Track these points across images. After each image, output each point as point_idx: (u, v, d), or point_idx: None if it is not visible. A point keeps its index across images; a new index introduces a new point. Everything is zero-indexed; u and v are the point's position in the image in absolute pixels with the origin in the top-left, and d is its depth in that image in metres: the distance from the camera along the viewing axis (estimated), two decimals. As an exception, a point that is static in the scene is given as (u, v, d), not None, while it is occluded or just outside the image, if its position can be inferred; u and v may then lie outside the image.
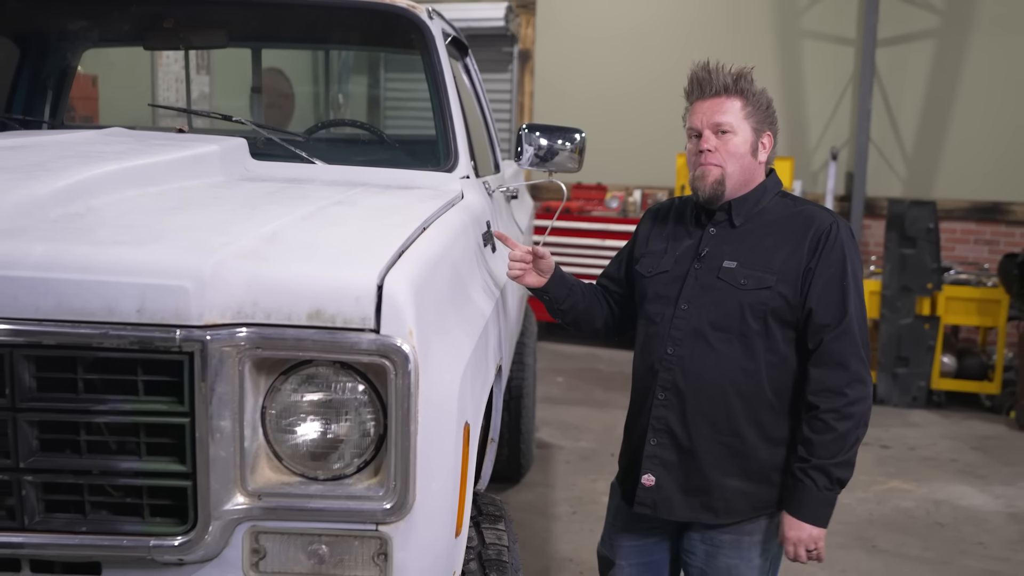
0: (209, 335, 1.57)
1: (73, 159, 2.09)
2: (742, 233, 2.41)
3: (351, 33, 3.74)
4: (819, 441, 2.30)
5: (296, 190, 2.37)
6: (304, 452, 1.67)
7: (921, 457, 5.90)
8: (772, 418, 2.39)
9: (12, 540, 1.63)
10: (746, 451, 2.39)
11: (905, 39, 8.19)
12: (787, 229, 2.39)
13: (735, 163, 2.38)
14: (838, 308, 2.32)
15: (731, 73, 2.40)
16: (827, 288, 2.33)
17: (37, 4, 3.30)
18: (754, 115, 2.40)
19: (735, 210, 2.42)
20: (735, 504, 2.42)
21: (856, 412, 2.32)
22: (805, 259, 2.34)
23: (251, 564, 1.67)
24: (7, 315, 1.57)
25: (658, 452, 2.43)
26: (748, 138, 2.39)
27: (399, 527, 1.66)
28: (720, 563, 2.46)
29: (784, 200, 2.46)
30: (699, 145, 2.39)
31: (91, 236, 1.69)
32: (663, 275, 2.46)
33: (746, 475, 2.41)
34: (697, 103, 2.42)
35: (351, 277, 1.63)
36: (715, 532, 2.46)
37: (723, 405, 2.38)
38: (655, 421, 2.43)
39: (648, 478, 2.45)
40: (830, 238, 2.34)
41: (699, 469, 2.41)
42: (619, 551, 2.64)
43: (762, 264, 2.36)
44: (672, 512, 2.46)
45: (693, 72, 2.43)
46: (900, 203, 7.09)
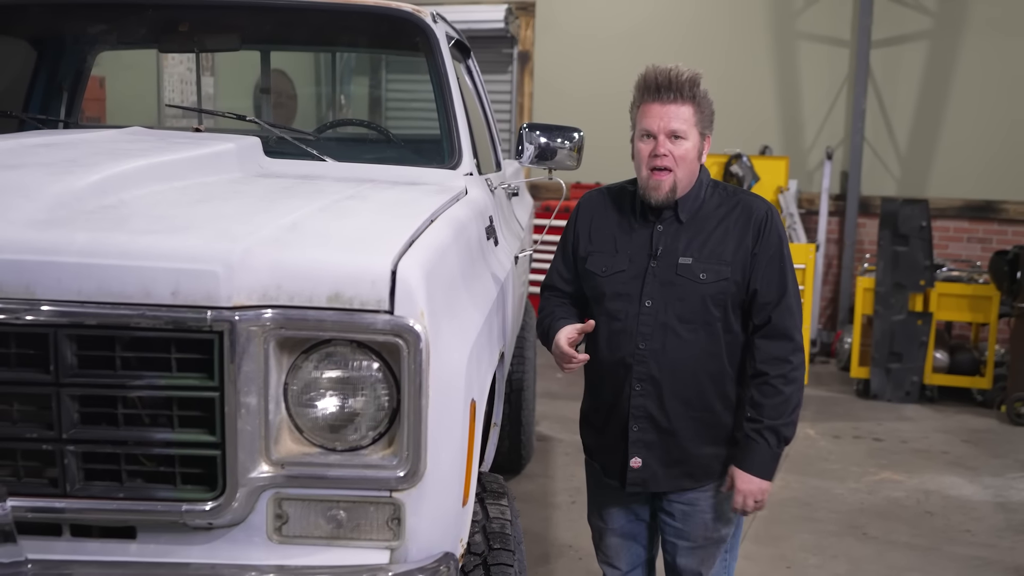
0: (237, 316, 1.71)
1: (103, 156, 2.23)
2: (689, 227, 2.59)
3: (358, 36, 3.88)
4: (769, 404, 2.54)
5: (310, 185, 2.50)
6: (323, 425, 1.80)
7: (913, 449, 6.03)
8: (732, 388, 2.65)
9: (55, 506, 1.76)
10: (716, 421, 2.64)
11: (899, 40, 8.33)
12: (730, 220, 2.59)
13: (684, 168, 2.53)
14: (779, 286, 2.56)
15: (687, 80, 2.51)
16: (768, 269, 2.56)
17: (56, 9, 3.43)
18: (701, 120, 2.55)
19: (680, 207, 2.58)
20: (710, 467, 2.67)
21: (798, 377, 2.56)
22: (750, 245, 2.56)
23: (275, 528, 1.81)
24: (52, 297, 1.70)
25: (641, 437, 2.63)
26: (696, 143, 2.55)
27: (411, 494, 1.80)
28: (697, 520, 2.70)
29: (718, 190, 2.65)
30: (655, 149, 2.51)
31: (127, 225, 1.83)
32: (620, 274, 2.58)
33: (716, 441, 2.66)
34: (652, 105, 2.51)
35: (367, 263, 1.77)
36: (692, 493, 2.69)
37: (695, 386, 2.60)
38: (635, 410, 2.61)
39: (636, 461, 2.64)
40: (767, 224, 2.57)
41: (678, 445, 2.63)
42: (608, 518, 2.85)
43: (716, 257, 2.55)
44: (659, 485, 2.68)
45: (652, 73, 2.52)
46: (893, 201, 7.22)
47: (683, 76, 2.51)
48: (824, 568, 4.26)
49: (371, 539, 1.82)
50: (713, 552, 2.75)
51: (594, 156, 8.10)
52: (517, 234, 3.89)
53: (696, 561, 2.75)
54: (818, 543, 4.53)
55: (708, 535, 2.72)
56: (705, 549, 2.74)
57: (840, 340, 8.06)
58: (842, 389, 7.44)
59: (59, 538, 1.81)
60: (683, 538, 2.73)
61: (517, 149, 3.36)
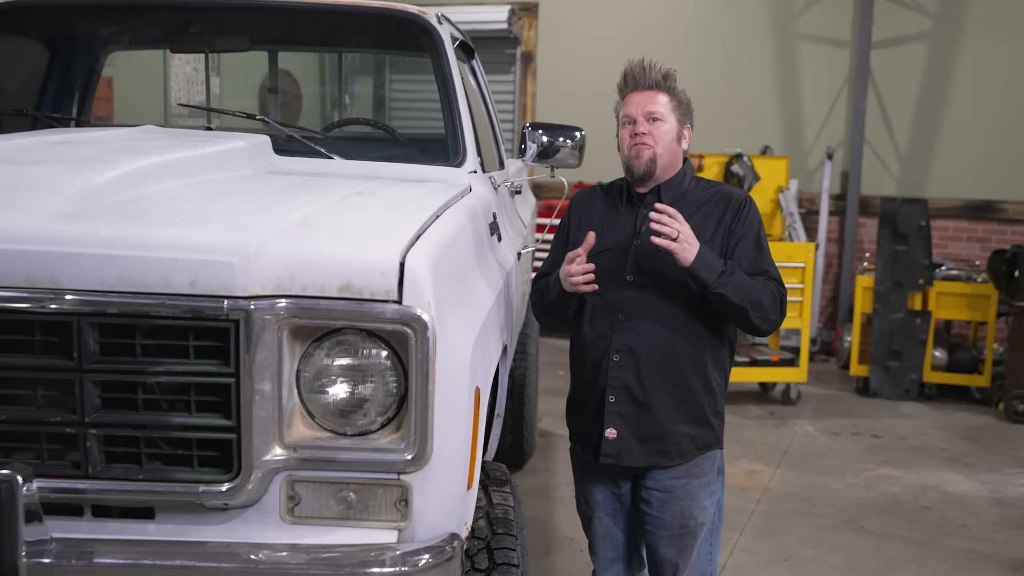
0: (253, 305, 1.79)
1: (120, 152, 2.31)
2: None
3: (365, 37, 3.96)
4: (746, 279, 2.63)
5: (319, 182, 2.58)
6: (334, 410, 1.88)
7: (911, 446, 6.10)
8: (709, 369, 2.75)
9: (77, 487, 1.84)
10: (691, 399, 2.74)
11: (899, 41, 8.40)
12: (710, 205, 2.76)
13: (664, 146, 2.73)
14: (754, 258, 2.71)
15: (661, 71, 2.76)
16: (744, 243, 2.71)
17: (70, 10, 3.51)
18: (678, 109, 2.76)
19: (664, 191, 2.76)
20: (684, 446, 2.75)
21: (773, 300, 2.65)
22: (727, 224, 2.73)
23: (287, 509, 1.88)
24: (75, 287, 1.78)
25: (617, 408, 2.73)
26: (674, 127, 2.75)
27: (418, 476, 1.87)
28: (674, 507, 2.78)
29: (700, 183, 2.84)
30: (634, 130, 2.72)
31: (146, 219, 1.91)
32: (605, 252, 2.71)
33: (691, 420, 2.75)
34: (631, 95, 2.77)
35: (377, 255, 1.85)
36: (667, 478, 2.77)
37: (672, 360, 2.70)
38: (612, 380, 2.72)
39: (611, 432, 2.74)
40: (745, 207, 2.75)
41: (654, 419, 2.72)
42: (594, 505, 2.93)
43: (696, 236, 2.65)
44: (632, 459, 2.75)
45: (628, 68, 2.79)
46: (892, 201, 7.29)
47: (656, 67, 2.77)
48: (821, 561, 4.33)
49: (380, 520, 1.89)
50: (691, 542, 2.80)
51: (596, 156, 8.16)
52: (520, 231, 3.96)
53: (675, 551, 2.81)
54: (816, 536, 4.60)
55: (685, 523, 2.78)
56: (682, 538, 2.80)
57: (840, 339, 8.13)
58: (842, 387, 7.51)
59: (81, 518, 1.89)
60: (661, 527, 2.80)
61: (520, 148, 3.45)
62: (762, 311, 2.64)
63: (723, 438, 2.87)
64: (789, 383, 6.97)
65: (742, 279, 2.61)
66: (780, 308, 2.69)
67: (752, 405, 6.90)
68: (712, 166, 7.56)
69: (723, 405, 2.85)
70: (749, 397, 7.05)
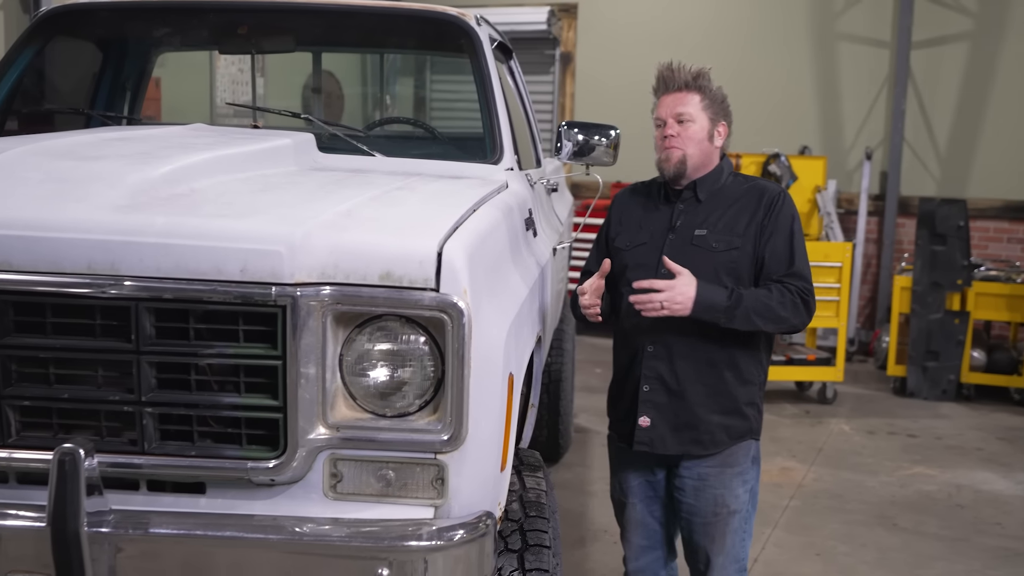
0: (299, 292, 1.89)
1: (173, 149, 2.42)
2: (707, 206, 2.83)
3: (406, 38, 4.07)
4: (760, 293, 2.68)
5: (361, 178, 2.68)
6: (375, 392, 1.97)
7: (947, 446, 6.10)
8: (744, 360, 2.81)
9: (134, 462, 1.96)
10: (725, 389, 2.80)
11: (939, 41, 8.37)
12: (745, 200, 2.82)
13: (694, 147, 2.79)
14: (787, 258, 2.75)
15: (691, 72, 2.81)
16: (775, 239, 2.75)
17: (124, 13, 3.65)
18: (710, 107, 2.82)
19: (699, 187, 2.84)
20: (717, 436, 2.81)
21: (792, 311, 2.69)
22: (760, 218, 2.77)
23: (330, 486, 1.99)
24: (133, 273, 1.90)
25: (651, 397, 2.81)
26: (705, 126, 2.81)
27: (454, 456, 1.97)
28: (707, 495, 2.84)
29: (738, 178, 2.90)
30: (664, 132, 2.80)
31: (200, 211, 2.03)
32: (642, 246, 2.82)
33: (725, 410, 2.81)
34: (663, 97, 2.84)
35: (416, 245, 1.94)
36: (701, 467, 2.83)
37: (705, 351, 2.77)
38: (647, 370, 2.81)
39: (644, 420, 2.82)
40: (779, 202, 2.79)
41: (687, 408, 2.79)
42: (628, 491, 3.00)
43: (729, 230, 2.77)
44: (666, 447, 2.83)
45: (659, 70, 2.86)
46: (931, 201, 7.28)
47: (685, 67, 2.82)
48: (853, 556, 4.37)
49: (417, 497, 1.99)
50: (724, 529, 2.86)
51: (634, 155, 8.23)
52: (556, 228, 4.04)
53: (708, 538, 2.87)
54: (848, 532, 4.64)
55: (718, 511, 2.84)
56: (716, 525, 2.85)
57: (878, 339, 8.12)
58: (879, 387, 7.51)
59: (136, 492, 2.01)
60: (695, 514, 2.86)
61: (556, 146, 3.53)
62: (779, 322, 2.70)
63: (759, 429, 2.92)
64: (825, 382, 6.99)
65: (752, 303, 2.66)
66: (803, 310, 2.72)
67: (788, 404, 6.93)
68: (749, 166, 7.59)
69: (760, 396, 2.90)
70: (785, 396, 7.08)
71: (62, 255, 1.90)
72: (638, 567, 3.03)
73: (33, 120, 3.58)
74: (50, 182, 2.05)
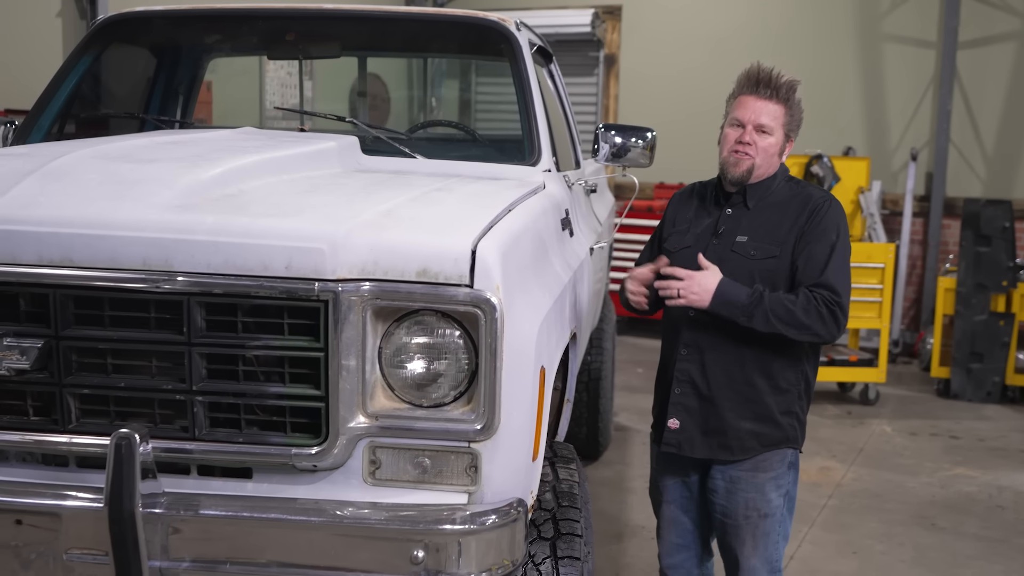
0: (340, 287, 1.99)
1: (223, 152, 2.54)
2: (754, 213, 2.82)
3: (448, 43, 4.17)
4: (783, 298, 2.65)
5: (402, 179, 2.78)
6: (412, 384, 2.07)
7: (989, 448, 6.08)
8: (780, 368, 2.79)
9: (185, 447, 2.08)
10: (756, 397, 2.79)
11: (986, 41, 8.31)
12: (790, 207, 2.81)
13: (764, 158, 2.78)
14: (820, 266, 2.70)
15: (785, 82, 2.77)
16: (813, 248, 2.72)
17: (177, 21, 3.79)
18: (790, 123, 2.81)
19: (749, 194, 2.83)
20: (747, 443, 2.81)
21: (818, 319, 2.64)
22: (800, 225, 2.75)
23: (369, 472, 2.09)
24: (185, 269, 2.01)
25: (682, 400, 2.84)
26: (779, 141, 2.80)
27: (487, 445, 2.06)
28: (739, 498, 2.85)
29: (789, 184, 2.87)
30: (740, 136, 2.77)
31: (248, 210, 2.14)
32: (686, 250, 2.82)
33: (756, 418, 2.80)
34: (748, 97, 2.78)
35: (451, 243, 2.04)
36: (732, 469, 2.84)
37: (737, 358, 2.77)
38: (679, 373, 2.84)
39: (673, 422, 2.85)
40: (822, 210, 2.76)
41: (717, 413, 2.80)
42: (663, 490, 3.04)
43: (769, 237, 2.76)
44: (694, 451, 2.85)
45: (754, 69, 2.80)
46: (975, 202, 7.24)
47: (782, 78, 2.78)
48: (890, 554, 4.40)
49: (452, 483, 2.08)
50: (756, 531, 2.85)
51: (678, 157, 8.33)
52: (594, 228, 4.12)
53: (739, 539, 2.87)
54: (886, 531, 4.66)
55: (749, 514, 2.84)
56: (747, 528, 2.85)
57: (922, 341, 8.08)
58: (922, 389, 7.48)
59: (187, 476, 2.13)
60: (726, 515, 2.87)
61: (593, 148, 3.61)
62: (801, 329, 2.65)
63: (798, 438, 2.87)
64: (867, 383, 6.99)
65: (773, 305, 2.63)
66: (830, 321, 2.65)
67: (830, 404, 6.93)
68: (792, 167, 7.60)
69: (800, 406, 2.86)
70: (827, 396, 7.08)
71: (119, 252, 2.02)
72: (671, 563, 3.06)
73: (90, 124, 3.73)
74: (108, 183, 2.18)
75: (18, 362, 2.03)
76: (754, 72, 2.80)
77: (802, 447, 2.92)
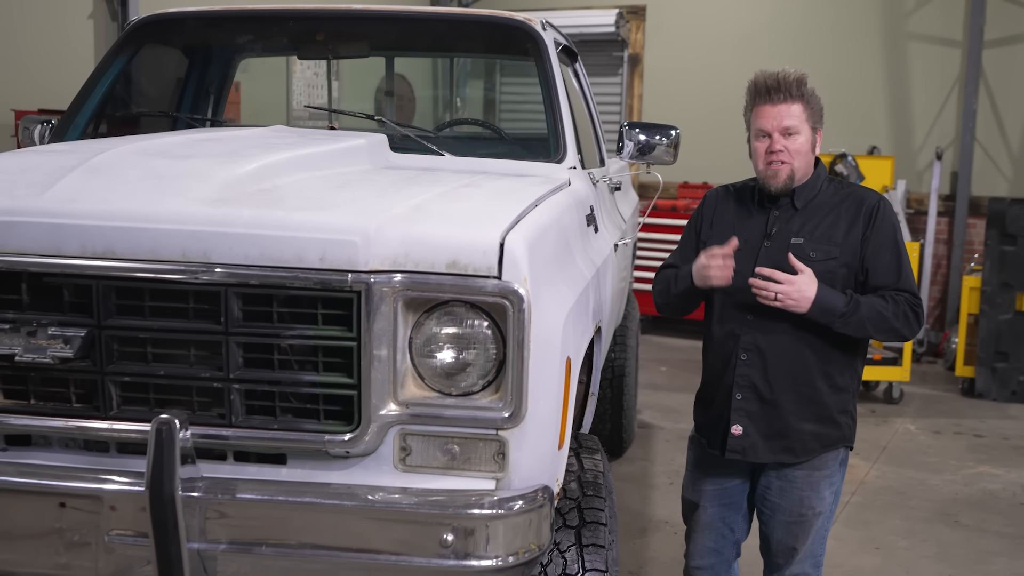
0: (372, 279, 2.05)
1: (257, 148, 2.61)
2: (803, 214, 2.81)
3: (474, 43, 4.23)
4: (874, 302, 2.68)
5: (431, 176, 2.85)
6: (441, 373, 2.13)
7: (1014, 446, 6.07)
8: (838, 368, 2.80)
9: (222, 434, 2.14)
10: (818, 398, 2.79)
11: (1012, 40, 8.28)
12: (842, 208, 2.79)
13: (800, 159, 2.77)
14: (894, 270, 2.74)
15: (794, 80, 2.75)
16: (881, 253, 2.74)
17: (208, 22, 3.87)
18: (812, 116, 2.79)
19: (797, 195, 2.82)
20: (809, 444, 2.82)
21: (904, 320, 2.69)
22: (861, 229, 2.75)
23: (400, 459, 2.15)
24: (223, 261, 2.08)
25: (744, 405, 2.83)
26: (809, 137, 2.79)
27: (514, 432, 2.11)
28: (793, 496, 2.87)
29: (833, 184, 2.86)
30: (770, 146, 2.76)
31: (283, 204, 2.21)
32: (736, 252, 2.74)
33: (818, 419, 2.81)
34: (764, 107, 2.77)
35: (480, 236, 2.10)
36: (789, 469, 2.86)
37: (799, 360, 2.78)
38: (739, 379, 2.83)
39: (737, 428, 2.84)
40: (880, 212, 2.77)
41: (780, 417, 2.80)
42: (703, 495, 3.03)
43: (826, 239, 2.76)
44: (758, 456, 2.85)
45: (760, 78, 2.78)
46: (1000, 201, 7.23)
47: (790, 77, 2.76)
48: (912, 551, 4.42)
49: (480, 470, 2.14)
50: (807, 528, 2.88)
51: (703, 156, 8.36)
52: (618, 225, 4.17)
53: (791, 536, 2.89)
54: (909, 528, 4.68)
55: (803, 512, 2.86)
56: (799, 524, 2.87)
57: (948, 340, 8.07)
58: (947, 388, 7.47)
59: (224, 462, 2.19)
60: (779, 512, 2.89)
61: (618, 146, 3.66)
62: (890, 332, 2.71)
63: (852, 436, 2.90)
64: (892, 382, 6.99)
65: (867, 311, 2.66)
66: (914, 321, 2.71)
67: (853, 403, 6.93)
68: (816, 166, 7.60)
69: (853, 404, 2.89)
70: (850, 395, 7.07)
71: (159, 244, 2.10)
72: (700, 565, 3.06)
73: (123, 123, 3.82)
74: (148, 178, 2.25)
75: (62, 351, 2.11)
76: (761, 81, 2.79)
77: (853, 444, 2.94)
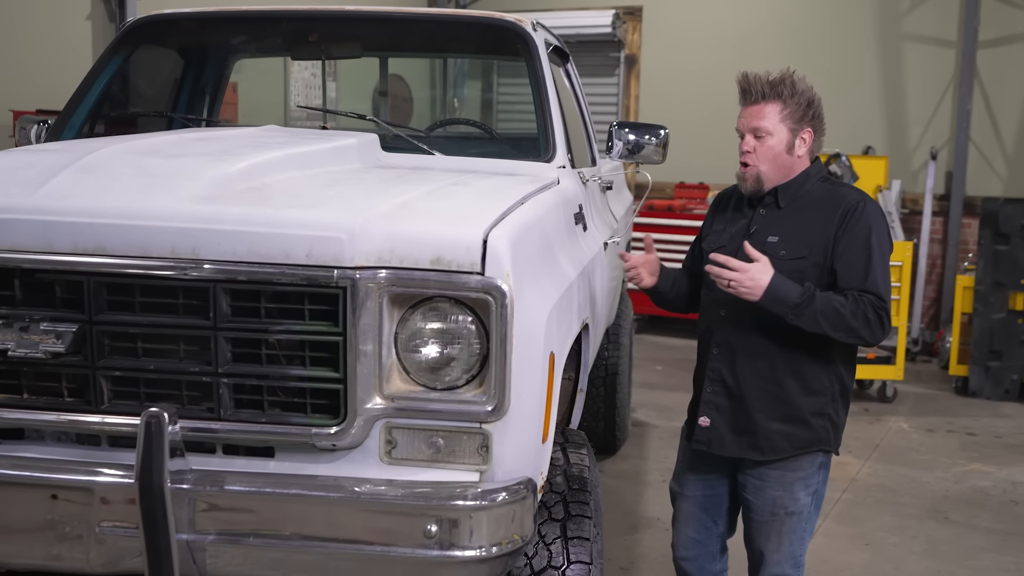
0: (358, 275, 2.09)
1: (248, 147, 2.65)
2: (786, 213, 2.83)
3: (466, 44, 4.28)
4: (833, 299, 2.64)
5: (419, 174, 2.88)
6: (426, 367, 2.16)
7: (1006, 444, 6.11)
8: (810, 370, 2.79)
9: (211, 427, 2.18)
10: (787, 398, 2.80)
11: (1006, 40, 8.32)
12: (822, 207, 2.78)
13: (768, 163, 2.78)
14: (861, 272, 2.69)
15: (768, 81, 2.76)
16: (849, 252, 2.71)
17: (203, 23, 3.91)
18: (791, 116, 2.77)
19: (781, 194, 2.84)
20: (777, 444, 2.82)
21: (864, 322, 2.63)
22: (833, 229, 2.73)
23: (385, 452, 2.19)
24: (212, 258, 2.12)
25: (713, 398, 2.88)
26: (784, 138, 2.78)
27: (497, 426, 2.15)
28: (766, 495, 2.88)
29: (824, 184, 2.83)
30: (741, 146, 2.82)
31: (271, 202, 2.25)
32: (720, 249, 2.81)
33: (787, 419, 2.81)
34: (743, 109, 2.83)
35: (463, 233, 2.13)
36: (763, 468, 2.88)
37: (766, 358, 2.80)
38: (711, 372, 2.88)
39: (704, 420, 2.90)
40: (856, 212, 2.73)
41: (747, 413, 2.83)
42: (685, 484, 3.08)
43: (799, 238, 2.76)
44: (724, 449, 2.89)
45: (738, 80, 2.83)
46: (994, 201, 7.26)
47: (763, 78, 2.77)
48: (902, 547, 4.45)
49: (464, 462, 2.18)
50: (782, 528, 2.88)
51: (699, 157, 8.40)
52: (609, 224, 4.21)
53: (764, 536, 2.91)
54: (899, 525, 4.71)
55: (776, 511, 2.87)
56: (770, 524, 2.89)
57: (942, 339, 8.11)
58: (941, 387, 7.51)
59: (213, 455, 2.23)
60: (753, 511, 2.92)
61: (607, 145, 3.70)
62: (848, 331, 2.65)
63: (832, 440, 2.86)
64: (885, 381, 7.02)
65: (823, 306, 2.62)
66: (877, 326, 2.65)
67: (847, 401, 6.97)
68: (810, 166, 7.63)
69: (835, 408, 2.84)
70: (844, 394, 7.11)
71: (149, 241, 2.13)
72: (685, 556, 3.10)
73: (119, 123, 3.85)
74: (139, 176, 2.29)
75: (54, 345, 2.15)
76: (740, 83, 2.82)
77: (838, 449, 2.91)
